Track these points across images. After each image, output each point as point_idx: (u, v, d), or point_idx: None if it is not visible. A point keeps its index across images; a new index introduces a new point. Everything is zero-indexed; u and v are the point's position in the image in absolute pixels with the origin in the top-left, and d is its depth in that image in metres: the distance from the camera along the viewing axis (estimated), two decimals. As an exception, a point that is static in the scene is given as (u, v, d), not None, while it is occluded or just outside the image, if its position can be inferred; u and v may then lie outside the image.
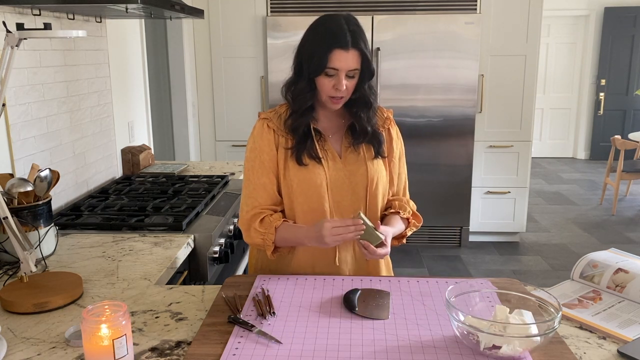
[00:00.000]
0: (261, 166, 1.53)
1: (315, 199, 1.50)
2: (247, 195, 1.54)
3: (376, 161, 1.56)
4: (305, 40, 1.49)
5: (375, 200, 1.56)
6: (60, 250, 1.74)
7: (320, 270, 1.55)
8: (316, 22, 1.50)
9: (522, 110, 4.26)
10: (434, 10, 4.04)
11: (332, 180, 1.51)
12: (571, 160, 7.95)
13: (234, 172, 2.88)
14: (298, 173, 1.50)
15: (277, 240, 1.49)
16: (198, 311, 1.31)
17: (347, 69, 1.43)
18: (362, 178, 1.53)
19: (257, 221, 1.50)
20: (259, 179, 1.53)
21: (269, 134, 1.53)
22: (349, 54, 1.42)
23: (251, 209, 1.52)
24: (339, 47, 1.41)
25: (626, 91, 7.60)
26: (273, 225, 1.48)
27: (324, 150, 1.52)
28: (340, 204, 1.53)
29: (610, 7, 7.36)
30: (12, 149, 1.90)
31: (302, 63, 1.48)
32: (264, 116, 1.56)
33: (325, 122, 1.56)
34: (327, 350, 1.11)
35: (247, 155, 1.56)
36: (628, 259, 1.46)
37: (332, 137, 1.56)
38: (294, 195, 1.52)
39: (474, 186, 4.37)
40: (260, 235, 1.49)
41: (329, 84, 1.45)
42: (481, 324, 1.09)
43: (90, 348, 1.02)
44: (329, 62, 1.42)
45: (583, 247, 4.42)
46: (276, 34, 4.10)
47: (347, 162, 1.54)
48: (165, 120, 4.11)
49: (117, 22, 2.76)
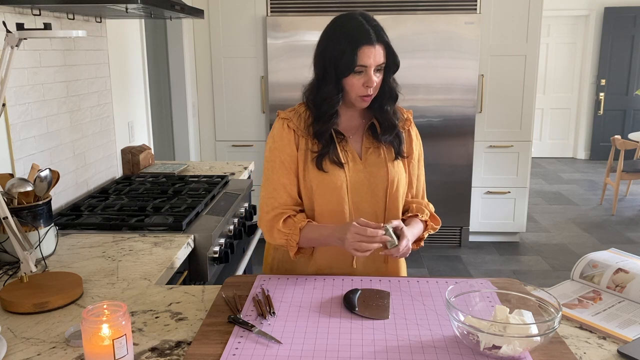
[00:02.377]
0: (281, 166, 1.52)
1: (335, 201, 1.50)
2: (267, 196, 1.53)
3: (396, 162, 1.54)
4: (327, 43, 1.46)
5: (395, 202, 1.54)
6: (60, 250, 1.74)
7: (337, 272, 1.54)
8: (334, 24, 1.47)
9: (522, 110, 4.26)
10: (434, 10, 4.04)
11: (352, 182, 1.50)
12: (571, 160, 7.95)
13: (234, 172, 2.88)
14: (318, 175, 1.49)
15: (301, 241, 1.47)
16: (198, 311, 1.31)
17: (375, 64, 1.42)
18: (383, 180, 1.52)
19: (280, 221, 1.49)
20: (280, 179, 1.52)
21: (289, 134, 1.52)
22: (376, 49, 1.41)
23: (272, 209, 1.51)
24: (365, 43, 1.40)
25: (626, 91, 7.60)
26: (297, 226, 1.47)
27: (344, 152, 1.51)
28: (360, 205, 1.51)
29: (610, 7, 7.36)
30: (12, 149, 1.90)
31: (327, 66, 1.45)
32: (283, 116, 1.55)
33: (346, 123, 1.55)
34: (327, 350, 1.11)
35: (267, 155, 1.55)
36: (628, 259, 1.46)
37: (352, 138, 1.55)
38: (313, 197, 1.51)
39: (474, 186, 4.37)
40: (284, 236, 1.48)
41: (358, 82, 1.44)
42: (481, 324, 1.09)
43: (90, 348, 1.02)
44: (358, 59, 1.40)
45: (583, 247, 4.42)
46: (276, 34, 4.10)
47: (367, 164, 1.53)
48: (165, 120, 4.12)
49: (117, 22, 2.76)
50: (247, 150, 4.39)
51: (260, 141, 4.37)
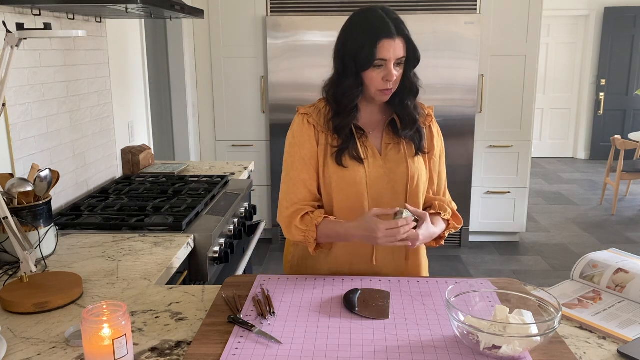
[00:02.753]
0: (301, 162, 1.52)
1: (354, 197, 1.49)
2: (287, 191, 1.53)
3: (417, 158, 1.53)
4: (347, 37, 1.46)
5: (415, 199, 1.53)
6: (60, 250, 1.74)
7: (357, 268, 1.54)
8: (354, 18, 1.47)
9: (522, 110, 4.26)
10: (434, 10, 4.04)
11: (372, 178, 1.50)
12: (571, 160, 7.95)
13: (234, 172, 2.88)
14: (337, 171, 1.49)
15: (319, 237, 1.47)
16: (198, 311, 1.31)
17: (395, 57, 1.41)
18: (403, 176, 1.51)
19: (298, 218, 1.49)
20: (299, 174, 1.52)
21: (309, 130, 1.52)
22: (395, 43, 1.41)
23: (291, 205, 1.51)
24: (385, 37, 1.40)
25: (626, 91, 7.61)
26: (314, 223, 1.47)
27: (364, 147, 1.51)
28: (379, 201, 1.50)
29: (610, 7, 7.36)
30: (12, 149, 1.90)
31: (346, 60, 1.45)
32: (303, 111, 1.55)
33: (367, 118, 1.54)
34: (327, 350, 1.11)
35: (287, 150, 1.55)
36: (628, 259, 1.46)
37: (372, 134, 1.54)
38: (332, 193, 1.51)
39: (474, 186, 4.37)
40: (301, 233, 1.49)
41: (377, 76, 1.43)
42: (481, 324, 1.09)
43: (90, 348, 1.02)
44: (378, 53, 1.40)
45: (583, 247, 4.42)
46: (276, 34, 4.10)
47: (387, 160, 1.52)
48: (165, 120, 4.12)
49: (117, 22, 2.76)
50: (247, 150, 4.39)
51: (260, 141, 4.37)
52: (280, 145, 4.34)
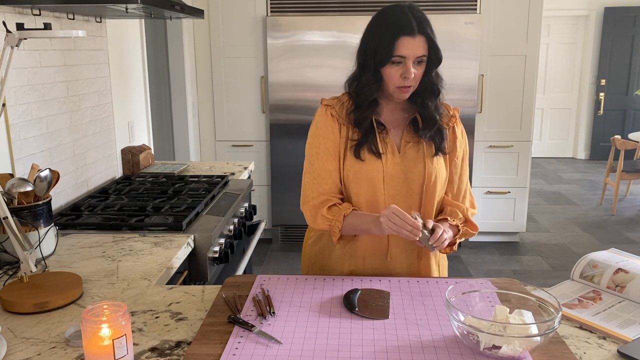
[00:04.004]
0: (326, 152, 1.53)
1: (370, 192, 1.50)
2: (312, 182, 1.54)
3: (436, 159, 1.53)
4: (369, 32, 1.47)
5: (431, 199, 1.53)
6: (60, 250, 1.74)
7: (371, 264, 1.55)
8: (378, 13, 1.48)
9: (522, 110, 4.26)
10: (434, 10, 4.04)
11: (389, 174, 1.50)
12: (571, 160, 7.95)
13: (234, 172, 2.88)
14: (355, 164, 1.50)
15: (344, 227, 1.49)
16: (198, 311, 1.31)
17: (414, 55, 1.41)
18: (419, 175, 1.51)
19: (325, 208, 1.50)
20: (324, 165, 1.53)
21: (332, 121, 1.53)
22: (415, 41, 1.40)
23: (319, 195, 1.52)
24: (405, 34, 1.40)
25: (626, 91, 7.61)
26: (342, 214, 1.48)
27: (384, 143, 1.51)
28: (395, 198, 1.51)
29: (610, 7, 7.36)
30: (12, 149, 1.90)
31: (367, 55, 1.46)
32: (326, 103, 1.55)
33: (388, 115, 1.54)
34: (327, 350, 1.11)
35: (310, 141, 1.56)
36: (628, 259, 1.46)
37: (393, 131, 1.54)
38: (350, 185, 1.52)
39: (474, 186, 4.36)
40: (327, 222, 1.50)
41: (396, 73, 1.43)
42: (481, 324, 1.09)
43: (90, 348, 1.02)
44: (396, 49, 1.40)
45: (583, 247, 4.42)
46: (276, 34, 4.09)
47: (405, 158, 1.52)
48: (165, 120, 4.12)
49: (117, 22, 2.76)
50: (247, 150, 4.39)
51: (260, 141, 4.37)
52: (280, 145, 4.36)
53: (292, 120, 4.17)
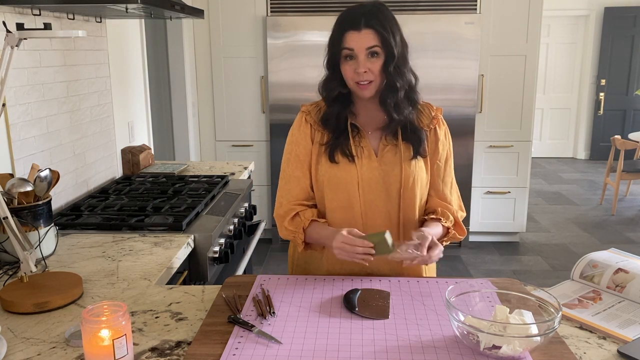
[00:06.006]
0: (296, 159, 1.54)
1: (345, 197, 1.49)
2: (282, 188, 1.57)
3: (414, 162, 1.50)
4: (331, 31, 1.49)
5: (410, 203, 1.51)
6: (60, 250, 1.74)
7: (349, 268, 1.51)
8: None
9: (522, 110, 4.26)
10: (434, 10, 4.04)
11: (365, 179, 1.49)
12: (571, 160, 7.95)
13: (234, 172, 2.88)
14: (329, 169, 1.50)
15: (307, 238, 1.51)
16: (198, 311, 1.31)
17: (361, 48, 1.41)
18: (396, 179, 1.49)
19: (288, 219, 1.52)
20: (293, 172, 1.54)
21: (306, 128, 1.54)
22: (361, 34, 1.41)
23: (285, 202, 1.54)
24: (351, 28, 1.41)
25: (626, 91, 7.61)
26: (301, 227, 1.49)
27: (359, 147, 1.50)
28: (373, 203, 1.50)
29: (610, 7, 7.36)
30: (12, 149, 1.90)
31: (327, 54, 1.49)
32: (304, 109, 1.57)
33: (366, 118, 1.53)
34: (327, 350, 1.11)
35: (286, 147, 1.58)
36: (628, 259, 1.46)
37: (372, 134, 1.53)
38: (324, 192, 1.52)
39: (474, 186, 4.37)
40: (291, 234, 1.53)
41: (350, 68, 1.44)
42: (481, 324, 1.09)
43: (90, 348, 1.02)
44: (343, 43, 1.42)
45: (583, 247, 4.42)
46: (276, 34, 4.10)
47: (382, 161, 1.50)
48: (165, 120, 4.11)
49: (117, 22, 2.76)
50: (247, 150, 4.39)
51: (260, 141, 4.37)
52: (280, 145, 4.35)
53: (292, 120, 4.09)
